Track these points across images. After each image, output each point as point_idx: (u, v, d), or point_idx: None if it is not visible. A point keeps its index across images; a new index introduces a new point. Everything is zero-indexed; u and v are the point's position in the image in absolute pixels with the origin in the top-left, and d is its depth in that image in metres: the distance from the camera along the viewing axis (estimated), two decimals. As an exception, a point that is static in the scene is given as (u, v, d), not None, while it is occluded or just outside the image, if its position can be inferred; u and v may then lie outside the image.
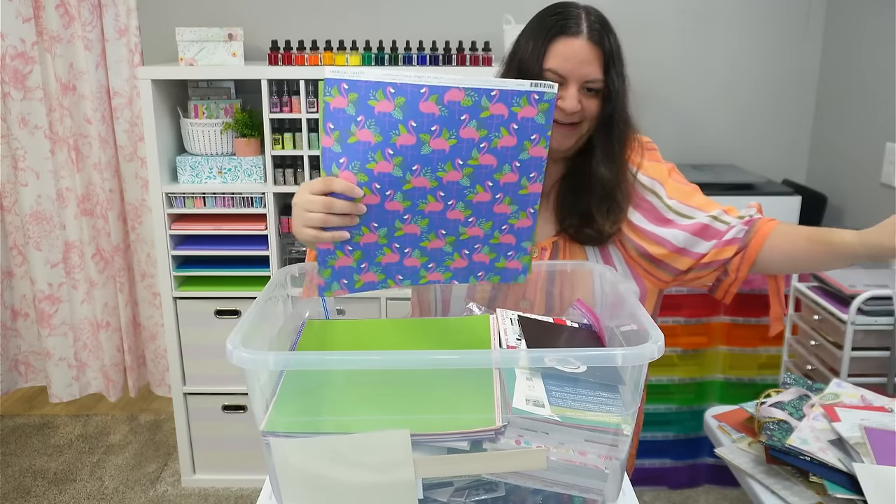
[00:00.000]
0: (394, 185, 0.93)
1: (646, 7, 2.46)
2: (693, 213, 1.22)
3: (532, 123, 0.91)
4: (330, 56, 2.18)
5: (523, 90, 0.89)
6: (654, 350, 0.85)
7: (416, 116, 0.89)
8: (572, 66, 1.14)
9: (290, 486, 0.91)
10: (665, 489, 2.41)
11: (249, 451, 2.40)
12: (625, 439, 0.89)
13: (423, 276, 1.02)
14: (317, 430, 0.89)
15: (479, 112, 0.89)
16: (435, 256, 1.01)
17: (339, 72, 0.89)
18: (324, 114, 0.92)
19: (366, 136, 0.91)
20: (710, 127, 2.59)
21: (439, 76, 0.88)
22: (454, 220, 0.98)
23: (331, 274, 0.99)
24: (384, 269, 1.00)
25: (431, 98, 0.88)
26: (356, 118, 0.90)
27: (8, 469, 2.51)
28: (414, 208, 0.95)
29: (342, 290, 1.01)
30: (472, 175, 0.93)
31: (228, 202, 2.25)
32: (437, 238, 0.99)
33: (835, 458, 1.18)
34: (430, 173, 0.92)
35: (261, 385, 0.90)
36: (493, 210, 0.97)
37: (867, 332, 1.77)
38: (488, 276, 1.03)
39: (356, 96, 0.89)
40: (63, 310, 2.69)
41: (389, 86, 0.88)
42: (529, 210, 0.98)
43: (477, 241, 1.00)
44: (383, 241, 0.98)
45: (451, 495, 0.90)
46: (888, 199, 2.13)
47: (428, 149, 0.91)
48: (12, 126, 2.49)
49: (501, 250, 1.02)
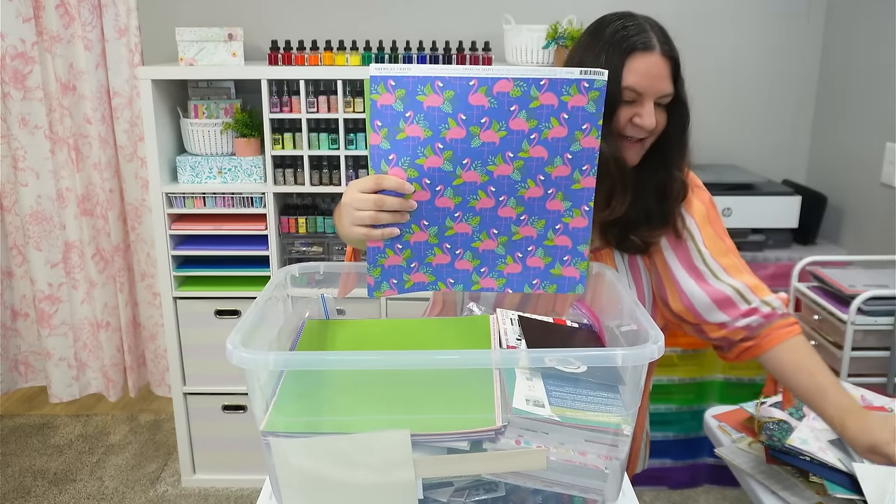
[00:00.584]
0: (444, 181, 0.92)
1: (646, 7, 2.45)
2: (721, 274, 1.20)
3: (583, 112, 0.89)
4: (330, 56, 2.18)
5: (573, 78, 0.88)
6: (654, 350, 0.85)
7: (465, 109, 0.89)
8: (650, 82, 1.13)
9: (290, 486, 0.91)
10: (665, 489, 2.41)
11: (249, 451, 2.40)
12: (625, 439, 0.89)
13: (475, 282, 1.00)
14: (317, 430, 0.89)
15: (529, 102, 0.89)
16: (487, 259, 0.99)
17: (385, 69, 0.88)
18: (371, 112, 0.90)
19: (415, 131, 0.90)
20: (710, 127, 2.59)
21: (487, 68, 0.89)
22: (506, 218, 0.96)
23: (380, 273, 0.98)
24: (435, 270, 0.99)
25: (481, 90, 0.88)
26: (405, 114, 0.89)
27: (8, 469, 2.51)
28: (465, 205, 0.94)
29: (392, 290, 0.99)
30: (523, 168, 0.92)
31: (228, 202, 2.25)
32: (490, 238, 0.97)
33: (835, 458, 1.18)
34: (480, 167, 0.91)
35: (261, 385, 0.90)
36: (546, 206, 0.95)
37: (867, 332, 1.77)
38: (544, 284, 1.00)
39: (404, 92, 0.89)
40: (63, 310, 2.69)
41: (438, 80, 0.88)
42: (584, 207, 0.95)
43: (530, 243, 0.98)
44: (434, 240, 0.97)
45: (451, 495, 0.90)
46: (888, 199, 2.13)
47: (478, 141, 0.90)
48: (12, 126, 2.49)
49: (556, 254, 0.99)
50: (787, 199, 2.25)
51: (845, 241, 2.36)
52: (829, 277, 1.89)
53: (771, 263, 2.22)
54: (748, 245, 2.24)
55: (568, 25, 2.14)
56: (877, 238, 2.18)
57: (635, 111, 1.13)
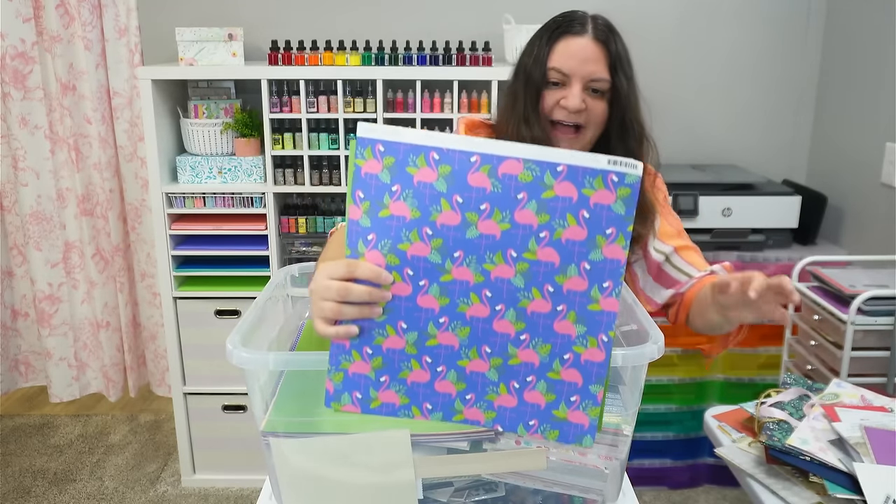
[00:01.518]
0: (430, 275, 0.77)
1: (646, 7, 2.46)
2: (674, 258, 1.26)
3: (608, 213, 0.74)
4: (330, 56, 2.18)
5: (598, 168, 0.73)
6: (654, 350, 0.85)
7: (462, 190, 0.74)
8: (576, 63, 1.13)
9: (290, 486, 0.91)
10: (665, 489, 2.41)
11: (249, 451, 2.40)
12: (625, 439, 0.89)
13: (458, 411, 0.82)
14: (317, 430, 0.89)
15: (541, 191, 0.74)
16: (475, 384, 0.81)
17: (374, 130, 0.75)
18: (353, 179, 0.76)
19: (401, 209, 0.76)
20: (710, 127, 2.59)
21: (494, 142, 0.74)
22: (502, 335, 0.79)
23: (342, 380, 0.82)
24: (409, 389, 0.82)
25: (483, 169, 0.74)
26: (391, 187, 0.75)
27: (8, 469, 2.51)
28: (453, 309, 0.78)
29: (354, 407, 0.82)
30: (528, 273, 0.76)
31: (228, 202, 2.25)
32: (480, 357, 0.80)
33: (835, 458, 1.18)
34: (475, 264, 0.76)
35: (261, 385, 0.90)
36: (553, 327, 0.78)
37: (867, 332, 1.77)
38: (543, 427, 0.82)
39: (392, 161, 0.75)
40: (63, 310, 2.69)
41: (434, 150, 0.74)
42: (602, 337, 0.78)
43: (530, 372, 0.80)
44: (412, 349, 0.80)
45: (451, 495, 0.90)
46: (888, 199, 2.13)
47: (475, 232, 0.76)
48: (12, 126, 2.49)
49: (562, 391, 0.80)
50: (787, 199, 2.25)
51: (845, 241, 2.36)
52: (829, 277, 1.89)
53: (771, 263, 2.22)
54: (748, 245, 2.24)
55: (568, 25, 2.14)
56: (877, 238, 2.18)
57: (564, 93, 1.14)
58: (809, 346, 1.94)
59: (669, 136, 2.58)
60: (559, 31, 1.15)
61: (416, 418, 0.82)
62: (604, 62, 1.14)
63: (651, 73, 2.54)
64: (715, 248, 2.24)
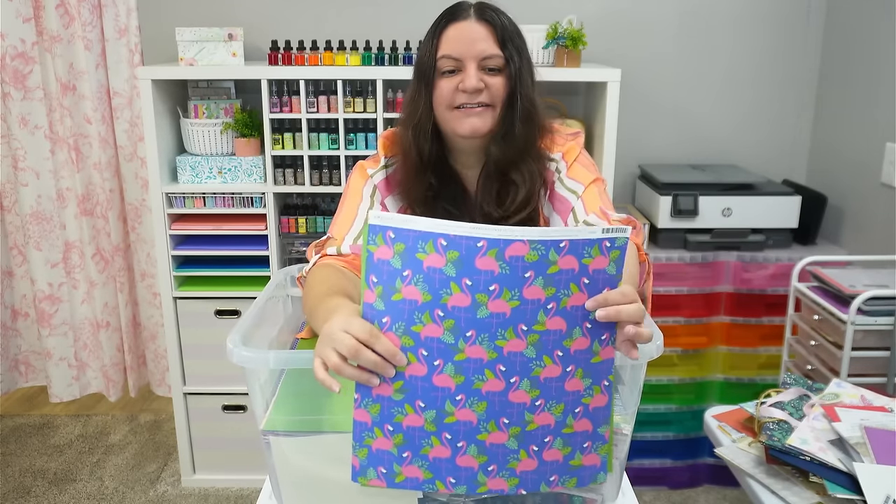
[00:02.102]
0: (444, 355, 0.79)
1: (646, 7, 2.46)
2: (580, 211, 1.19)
3: (604, 276, 0.79)
4: (330, 56, 2.18)
5: (595, 238, 0.77)
6: (654, 350, 0.85)
7: (471, 274, 0.77)
8: (465, 45, 1.14)
9: (290, 486, 0.91)
10: (665, 489, 2.41)
11: (249, 451, 2.40)
12: (624, 439, 0.89)
13: (482, 483, 0.84)
14: (317, 430, 0.89)
15: (546, 268, 0.77)
16: (496, 455, 0.83)
17: (385, 218, 0.78)
18: (367, 265, 0.79)
19: (412, 293, 0.79)
20: (710, 127, 2.59)
21: (499, 228, 0.77)
22: (519, 405, 0.81)
23: (367, 456, 0.83)
24: (432, 465, 0.83)
25: (490, 253, 0.76)
26: (402, 272, 0.78)
27: (8, 469, 2.51)
28: (468, 386, 0.80)
29: (380, 482, 0.84)
30: (539, 343, 0.79)
31: (228, 202, 2.25)
32: (500, 430, 0.82)
33: (835, 458, 1.18)
34: (487, 342, 0.79)
35: (261, 384, 0.91)
36: (565, 388, 0.81)
37: (867, 332, 1.77)
38: (563, 479, 0.85)
39: (403, 247, 0.78)
40: (63, 310, 2.69)
41: (441, 237, 0.77)
42: (604, 383, 0.82)
43: (547, 433, 0.83)
44: (431, 427, 0.82)
45: (451, 495, 0.90)
46: (888, 199, 2.13)
47: (485, 312, 0.78)
48: (12, 126, 2.49)
49: (576, 442, 0.84)
50: (787, 199, 2.25)
51: (845, 241, 2.36)
52: (829, 277, 1.89)
53: (771, 263, 2.22)
54: (748, 245, 2.24)
55: (568, 25, 2.14)
56: (877, 238, 2.18)
57: (461, 77, 1.14)
58: (809, 346, 1.94)
59: (670, 136, 2.59)
60: (444, 22, 1.17)
61: (441, 492, 0.85)
62: (492, 39, 1.15)
63: (651, 73, 2.56)
64: (715, 248, 2.24)
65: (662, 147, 2.58)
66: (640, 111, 2.52)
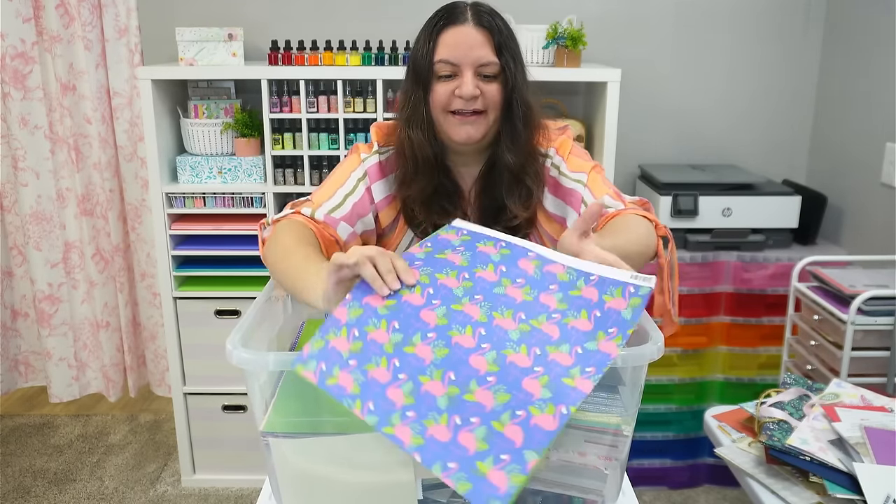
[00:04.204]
0: (446, 300, 0.87)
1: (646, 7, 2.46)
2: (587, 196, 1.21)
3: (616, 316, 0.83)
4: (330, 56, 2.18)
5: (621, 280, 0.85)
6: (654, 350, 0.85)
7: (510, 266, 0.91)
8: (463, 51, 1.15)
9: (290, 487, 0.91)
10: (665, 489, 2.41)
11: (249, 451, 2.40)
12: (624, 440, 0.89)
13: (391, 424, 0.76)
14: (316, 431, 0.89)
15: (570, 289, 0.87)
16: (421, 406, 0.77)
17: (464, 224, 1.00)
18: (433, 239, 0.98)
19: (455, 259, 0.93)
20: (710, 127, 2.59)
21: (546, 249, 0.92)
22: (473, 369, 0.80)
23: (320, 349, 0.82)
24: (364, 383, 0.79)
25: (534, 262, 0.91)
26: (456, 247, 0.95)
27: (8, 469, 2.51)
28: (444, 331, 0.83)
29: (312, 376, 0.80)
30: (526, 334, 0.83)
31: (228, 202, 2.25)
32: (441, 382, 0.79)
33: (835, 458, 1.18)
34: (486, 308, 0.86)
35: (260, 385, 0.90)
36: (522, 383, 0.78)
37: (867, 332, 1.77)
38: (458, 475, 0.72)
39: (469, 238, 0.97)
40: (63, 310, 2.69)
41: (503, 241, 0.95)
42: (562, 409, 0.75)
43: (477, 414, 0.76)
44: (389, 349, 0.82)
45: (451, 495, 0.90)
46: (888, 199, 2.13)
47: (502, 290, 0.88)
48: (12, 126, 2.49)
49: (496, 445, 0.73)
50: (787, 199, 2.25)
51: (845, 241, 2.36)
52: (829, 277, 1.89)
53: (771, 263, 2.22)
54: (748, 245, 2.24)
55: (568, 25, 2.14)
56: (877, 238, 2.18)
57: (457, 83, 1.16)
58: (809, 346, 1.94)
59: (670, 136, 2.59)
60: (441, 24, 1.17)
61: (354, 411, 0.77)
62: (489, 46, 1.16)
63: (651, 73, 2.56)
64: (715, 248, 2.24)
65: (662, 147, 2.58)
66: (640, 111, 2.52)
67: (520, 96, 1.19)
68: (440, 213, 1.23)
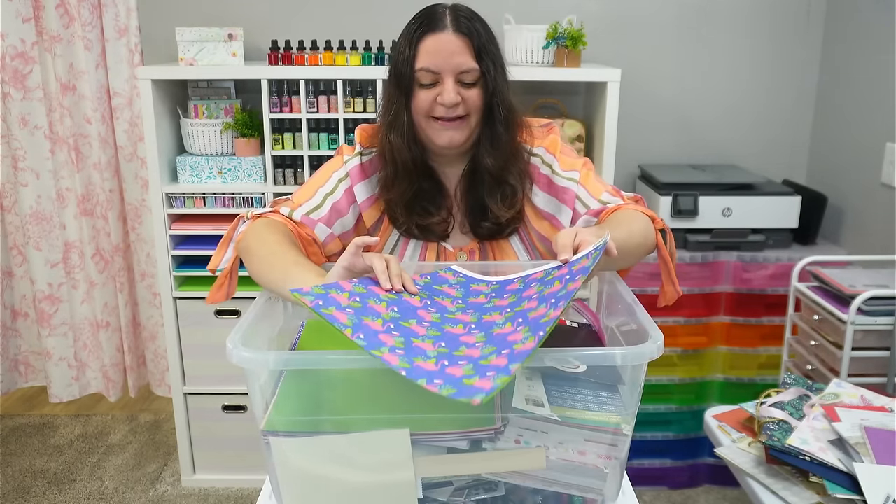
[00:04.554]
0: (441, 310, 0.94)
1: (646, 7, 2.46)
2: (582, 193, 1.23)
3: (581, 270, 0.89)
4: (330, 56, 2.18)
5: (584, 253, 0.92)
6: (654, 350, 0.85)
7: (499, 290, 0.99)
8: (443, 59, 1.17)
9: (290, 486, 0.91)
10: (665, 489, 2.41)
11: (249, 451, 2.40)
12: (624, 439, 0.89)
13: (381, 350, 0.80)
14: (317, 430, 0.89)
15: (546, 277, 0.95)
16: (411, 351, 0.81)
17: (458, 271, 1.08)
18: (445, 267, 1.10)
19: (452, 291, 1.01)
20: (710, 127, 2.59)
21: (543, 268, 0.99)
22: (454, 335, 0.87)
23: (319, 294, 0.88)
24: (357, 324, 0.84)
25: (520, 282, 0.99)
26: (452, 283, 1.04)
27: (8, 469, 2.51)
28: (439, 325, 0.89)
29: (308, 302, 0.86)
30: (510, 317, 0.90)
31: (228, 202, 2.25)
32: (428, 340, 0.85)
33: (835, 458, 1.18)
34: (477, 315, 0.93)
35: (261, 385, 0.90)
36: (507, 339, 0.84)
37: (867, 332, 1.77)
38: (441, 386, 0.75)
39: (463, 280, 1.06)
40: (63, 310, 2.69)
41: (493, 280, 1.04)
42: (540, 333, 0.80)
43: (465, 359, 0.80)
44: (386, 317, 0.87)
45: (451, 495, 0.90)
46: (888, 199, 2.13)
47: (492, 304, 0.96)
48: (12, 126, 2.49)
49: (483, 371, 0.78)
50: (787, 199, 2.25)
51: (845, 241, 2.36)
52: (829, 277, 1.89)
53: (771, 263, 2.22)
54: (748, 245, 2.24)
55: (568, 25, 2.14)
56: (877, 238, 2.18)
57: (438, 91, 1.17)
58: (809, 346, 1.94)
59: (670, 136, 2.59)
60: (421, 31, 1.19)
61: (345, 333, 0.82)
62: (469, 52, 1.18)
63: (651, 74, 2.56)
64: (715, 248, 2.24)
65: (662, 147, 2.58)
66: (640, 111, 2.52)
67: (501, 99, 1.20)
68: (422, 213, 1.25)
